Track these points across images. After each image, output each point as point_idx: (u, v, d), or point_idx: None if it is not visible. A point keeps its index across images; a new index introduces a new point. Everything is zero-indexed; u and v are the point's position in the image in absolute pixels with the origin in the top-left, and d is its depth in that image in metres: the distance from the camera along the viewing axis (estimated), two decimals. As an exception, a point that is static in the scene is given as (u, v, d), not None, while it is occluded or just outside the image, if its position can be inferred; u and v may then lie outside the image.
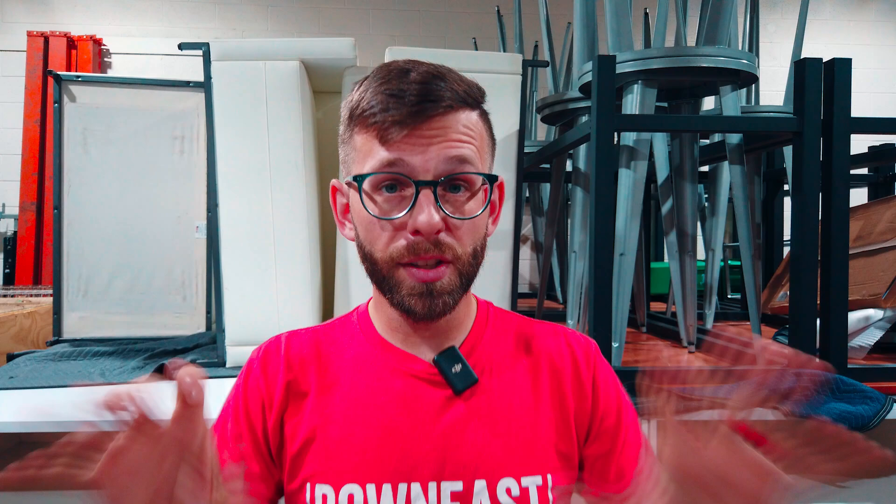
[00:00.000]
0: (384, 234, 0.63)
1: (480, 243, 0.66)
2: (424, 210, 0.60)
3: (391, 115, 0.60)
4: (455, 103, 0.62)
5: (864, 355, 1.63)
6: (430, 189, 0.61)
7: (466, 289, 0.67)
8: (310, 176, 1.69)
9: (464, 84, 0.65)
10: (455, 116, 0.63)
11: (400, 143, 0.61)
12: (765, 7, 4.38)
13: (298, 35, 4.26)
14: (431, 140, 0.61)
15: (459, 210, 0.63)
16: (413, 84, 0.61)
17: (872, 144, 2.29)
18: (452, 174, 0.62)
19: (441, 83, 0.62)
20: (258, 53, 1.62)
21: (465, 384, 0.67)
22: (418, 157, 0.61)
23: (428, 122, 0.61)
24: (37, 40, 4.03)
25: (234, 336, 1.64)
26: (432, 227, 0.60)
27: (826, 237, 1.43)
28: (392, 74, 0.63)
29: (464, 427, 0.67)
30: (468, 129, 0.63)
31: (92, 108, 1.98)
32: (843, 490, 1.42)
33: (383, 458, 0.66)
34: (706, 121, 1.75)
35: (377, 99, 0.61)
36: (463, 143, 0.62)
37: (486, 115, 0.69)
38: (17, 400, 1.43)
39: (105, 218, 1.99)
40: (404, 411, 0.67)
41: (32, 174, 3.95)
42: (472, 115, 0.65)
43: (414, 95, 0.60)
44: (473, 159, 0.63)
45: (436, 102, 0.61)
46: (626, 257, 1.52)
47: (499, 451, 0.67)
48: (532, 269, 3.77)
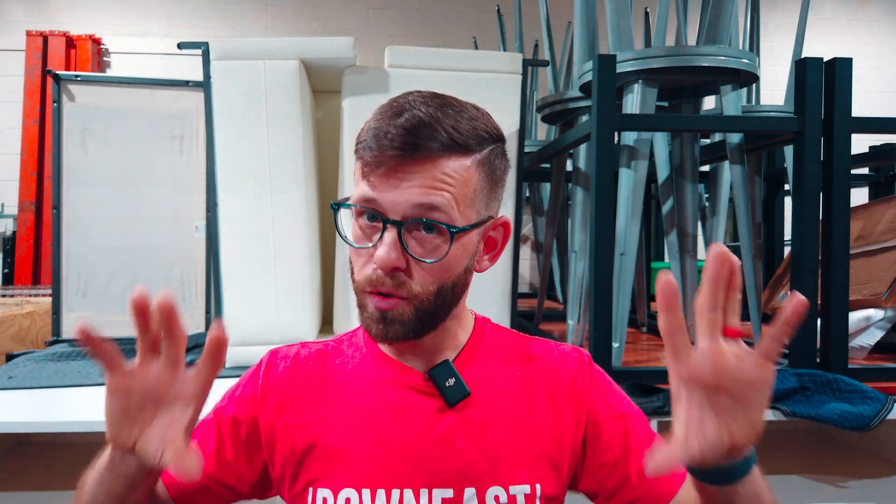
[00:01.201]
0: (359, 260, 0.68)
1: (451, 282, 0.68)
2: (384, 247, 0.64)
3: (373, 154, 0.63)
4: (437, 151, 0.63)
5: (865, 355, 1.63)
6: (395, 228, 0.64)
7: (427, 324, 0.68)
8: (309, 176, 1.69)
9: (456, 132, 0.64)
10: (438, 162, 0.64)
11: (376, 181, 0.64)
12: (765, 6, 4.38)
13: (298, 35, 4.26)
14: (402, 184, 0.63)
15: (426, 252, 0.65)
16: (398, 128, 0.63)
17: (873, 144, 2.29)
18: (417, 219, 0.64)
19: (427, 131, 0.63)
20: (258, 53, 1.61)
21: (458, 397, 0.70)
22: (389, 197, 0.64)
23: (403, 167, 0.63)
24: (36, 40, 4.03)
25: (233, 336, 1.64)
26: (388, 264, 0.64)
27: (826, 237, 1.43)
28: (387, 113, 0.65)
29: (455, 437, 0.70)
30: (447, 177, 0.64)
31: (91, 107, 1.98)
32: (843, 490, 1.42)
33: (378, 465, 0.69)
34: (707, 120, 1.75)
35: (369, 135, 0.64)
36: (436, 190, 0.64)
37: (487, 161, 0.68)
38: (16, 400, 1.43)
39: (104, 217, 1.99)
40: (399, 421, 0.71)
41: (31, 174, 3.95)
42: (462, 161, 0.65)
43: (395, 139, 0.62)
44: (444, 206, 0.64)
45: (414, 149, 0.63)
46: (627, 257, 1.51)
47: (488, 460, 0.70)
48: (532, 269, 3.77)
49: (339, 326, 1.74)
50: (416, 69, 1.69)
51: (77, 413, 1.36)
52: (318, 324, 1.74)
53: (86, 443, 1.69)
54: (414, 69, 1.69)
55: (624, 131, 1.54)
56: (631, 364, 1.55)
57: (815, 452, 1.66)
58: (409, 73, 1.68)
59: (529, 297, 3.20)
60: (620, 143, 1.56)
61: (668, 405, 1.28)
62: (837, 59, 1.42)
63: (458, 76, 1.69)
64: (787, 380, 1.33)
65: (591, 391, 0.76)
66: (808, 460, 1.60)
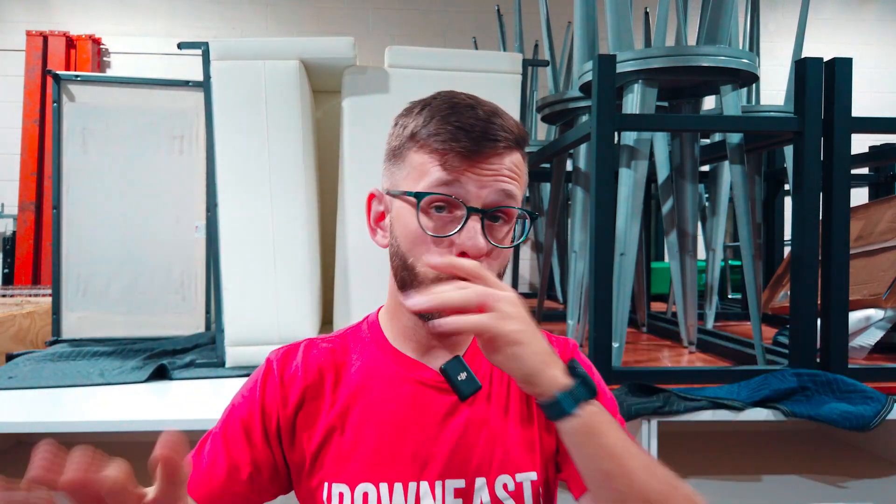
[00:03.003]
0: (428, 250, 0.69)
1: (504, 269, 0.73)
2: (475, 235, 0.67)
3: (459, 145, 0.67)
4: (510, 144, 0.70)
5: (865, 355, 1.63)
6: (479, 216, 0.68)
7: None
8: (309, 175, 1.69)
9: (518, 128, 0.71)
10: (508, 155, 0.70)
11: (459, 170, 0.67)
12: (765, 6, 4.38)
13: (298, 34, 4.26)
14: (486, 173, 0.68)
15: (497, 239, 0.70)
16: (479, 121, 0.68)
17: (873, 144, 2.29)
18: (500, 206, 0.69)
19: (502, 122, 0.69)
20: (258, 53, 1.61)
21: (470, 391, 0.71)
22: (473, 186, 0.67)
23: (487, 157, 0.68)
24: (36, 40, 4.03)
25: (233, 336, 1.64)
26: (480, 251, 0.67)
27: (826, 237, 1.42)
28: (459, 108, 0.69)
29: (466, 430, 0.73)
30: (516, 168, 0.70)
31: (91, 107, 1.98)
32: (843, 490, 1.42)
33: (394, 460, 0.71)
34: (707, 120, 1.75)
35: (445, 129, 0.68)
36: (512, 179, 0.70)
37: (527, 157, 0.75)
38: (16, 400, 1.43)
39: (104, 218, 1.99)
40: (413, 416, 0.73)
41: (31, 174, 3.95)
42: (519, 156, 0.72)
43: (479, 131, 0.67)
44: (517, 195, 0.70)
45: (496, 141, 0.68)
46: (627, 257, 1.51)
47: (497, 451, 0.73)
48: (532, 269, 3.77)
49: (339, 326, 1.74)
50: (416, 69, 1.69)
51: (77, 413, 1.36)
52: (318, 324, 1.74)
53: (85, 443, 1.69)
54: (414, 69, 1.69)
55: (624, 131, 1.54)
56: (631, 364, 1.55)
57: (815, 452, 1.66)
58: (409, 73, 1.68)
59: (529, 297, 3.20)
60: (620, 143, 1.56)
61: (668, 405, 1.28)
62: (837, 59, 1.42)
63: (458, 76, 1.69)
64: (787, 380, 1.33)
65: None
66: (808, 460, 1.60)
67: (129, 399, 1.44)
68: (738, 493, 1.43)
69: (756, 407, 1.31)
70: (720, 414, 1.30)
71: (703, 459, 1.59)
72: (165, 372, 1.62)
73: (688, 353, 1.72)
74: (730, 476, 1.51)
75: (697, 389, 1.35)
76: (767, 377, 1.36)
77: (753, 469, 1.55)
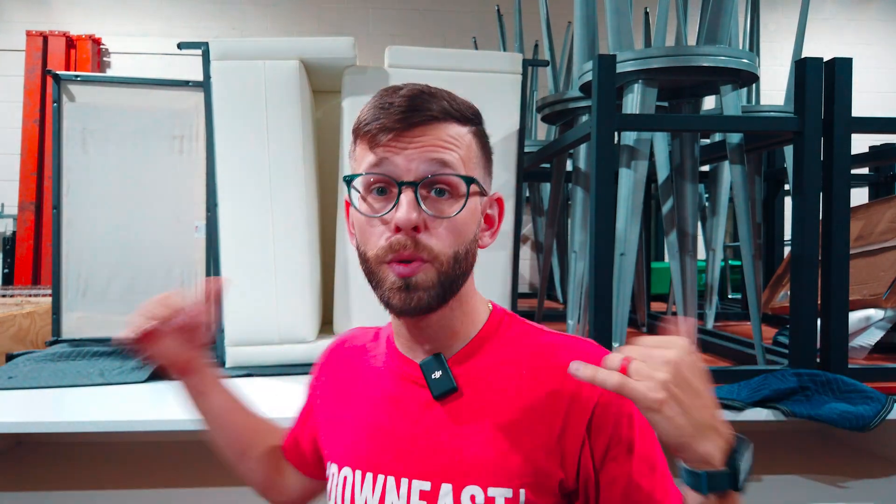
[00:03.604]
0: (374, 233, 0.68)
1: (464, 248, 0.69)
2: (403, 207, 0.65)
3: (379, 122, 0.67)
4: (440, 115, 0.68)
5: (865, 355, 1.63)
6: (412, 189, 0.66)
7: (448, 289, 0.69)
8: (309, 175, 1.69)
9: (455, 102, 0.70)
10: (440, 126, 0.68)
11: (385, 146, 0.67)
12: (765, 6, 4.37)
13: (298, 34, 4.26)
14: (412, 143, 0.66)
15: (440, 211, 0.67)
16: (401, 97, 0.67)
17: (873, 144, 2.29)
18: (432, 175, 0.66)
19: (428, 98, 0.68)
20: (258, 53, 1.61)
21: (440, 390, 0.71)
22: (401, 158, 0.66)
23: (411, 129, 0.67)
24: (36, 39, 4.03)
25: (233, 336, 1.64)
26: (409, 222, 0.65)
27: (826, 237, 1.42)
28: (386, 92, 0.69)
29: (439, 431, 0.71)
30: (452, 139, 0.68)
31: (91, 107, 1.98)
32: (843, 490, 1.42)
33: (368, 450, 0.73)
34: (707, 120, 1.75)
35: (371, 112, 0.68)
36: (445, 148, 0.67)
37: (481, 135, 0.73)
38: (16, 400, 1.43)
39: (104, 217, 1.99)
40: (390, 409, 0.74)
41: (31, 174, 3.95)
42: (461, 129, 0.70)
43: (401, 105, 0.67)
44: (455, 164, 0.67)
45: (419, 111, 0.67)
46: (627, 257, 1.51)
47: (468, 458, 0.69)
48: (532, 269, 3.77)
49: (339, 326, 1.74)
50: (416, 69, 1.69)
51: (77, 413, 1.36)
52: (318, 324, 1.73)
53: (86, 443, 1.69)
54: (414, 69, 1.69)
55: (624, 131, 1.54)
56: (631, 364, 1.55)
57: (815, 452, 1.66)
58: (409, 73, 1.68)
59: (529, 297, 3.20)
60: (620, 143, 1.56)
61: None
62: (837, 59, 1.42)
63: (458, 76, 1.69)
64: (787, 380, 1.33)
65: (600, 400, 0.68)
66: (808, 460, 1.60)
67: (129, 399, 1.44)
68: (738, 493, 1.43)
69: (756, 407, 1.31)
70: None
71: (703, 459, 1.59)
72: (165, 372, 1.61)
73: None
74: (730, 476, 1.50)
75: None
76: (767, 377, 1.36)
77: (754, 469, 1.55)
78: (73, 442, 1.66)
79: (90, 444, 1.65)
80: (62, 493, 1.39)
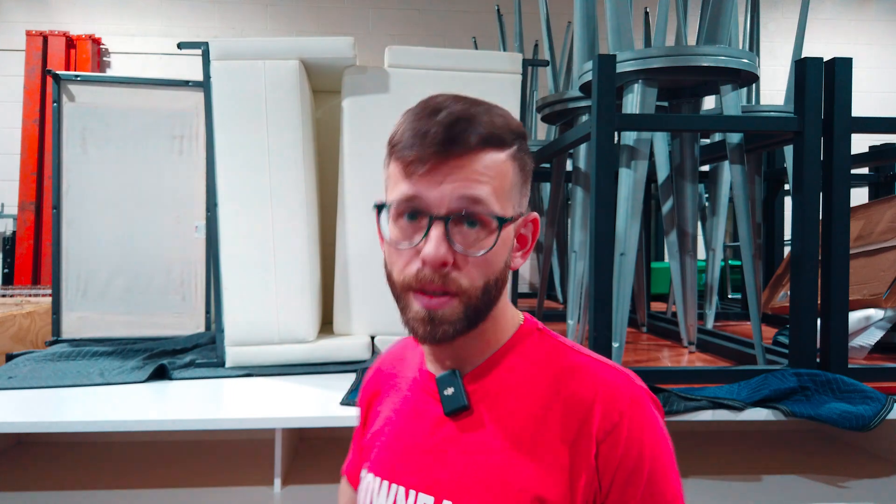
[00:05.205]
0: (401, 258, 0.67)
1: (494, 278, 0.68)
2: (432, 242, 0.64)
3: (415, 152, 0.65)
4: (477, 145, 0.66)
5: (865, 355, 1.63)
6: (442, 223, 0.65)
7: (474, 321, 0.68)
8: (309, 175, 1.69)
9: (492, 126, 0.67)
10: (476, 157, 0.66)
11: (419, 178, 0.65)
12: (765, 6, 4.38)
13: (298, 34, 4.26)
14: (447, 178, 0.65)
15: (471, 245, 0.66)
16: (438, 125, 0.65)
17: (873, 144, 2.29)
18: (463, 212, 0.65)
19: (466, 125, 0.65)
20: (257, 53, 1.61)
21: (451, 408, 0.70)
22: (434, 192, 0.65)
23: (446, 162, 0.65)
24: (36, 39, 4.03)
25: (233, 336, 1.64)
26: (437, 259, 0.64)
27: (826, 237, 1.42)
28: (424, 112, 0.67)
29: (447, 447, 0.70)
30: (487, 170, 0.66)
31: (91, 107, 1.98)
32: (843, 490, 1.42)
33: (387, 459, 0.74)
34: (707, 120, 1.75)
35: (407, 135, 0.66)
36: (479, 182, 0.65)
37: (520, 156, 0.70)
38: (16, 400, 1.43)
39: (104, 217, 1.99)
40: (411, 421, 0.74)
41: (31, 174, 3.95)
42: (498, 155, 0.67)
43: (437, 136, 0.64)
44: (487, 199, 0.66)
45: (455, 144, 0.65)
46: (627, 257, 1.51)
47: (471, 477, 0.68)
48: (532, 269, 3.77)
49: (339, 326, 1.74)
50: (416, 69, 1.69)
51: (77, 413, 1.36)
52: (318, 324, 1.73)
53: (86, 443, 1.69)
54: (414, 69, 1.69)
55: (624, 131, 1.54)
56: (631, 364, 1.55)
57: (815, 452, 1.66)
58: (409, 73, 1.68)
59: (529, 297, 3.20)
60: (620, 143, 1.56)
61: (668, 405, 1.28)
62: (837, 59, 1.42)
63: (458, 76, 1.69)
64: (787, 380, 1.33)
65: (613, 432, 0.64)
66: (808, 460, 1.60)
67: (129, 399, 1.44)
68: (738, 493, 1.43)
69: (756, 407, 1.31)
70: (720, 414, 1.30)
71: (703, 459, 1.59)
72: (165, 372, 1.62)
73: (688, 353, 1.72)
74: (730, 476, 1.51)
75: (697, 389, 1.35)
76: (767, 377, 1.36)
77: (753, 469, 1.55)
78: (73, 442, 1.66)
79: (90, 444, 1.65)
80: (62, 493, 1.39)
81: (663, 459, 0.65)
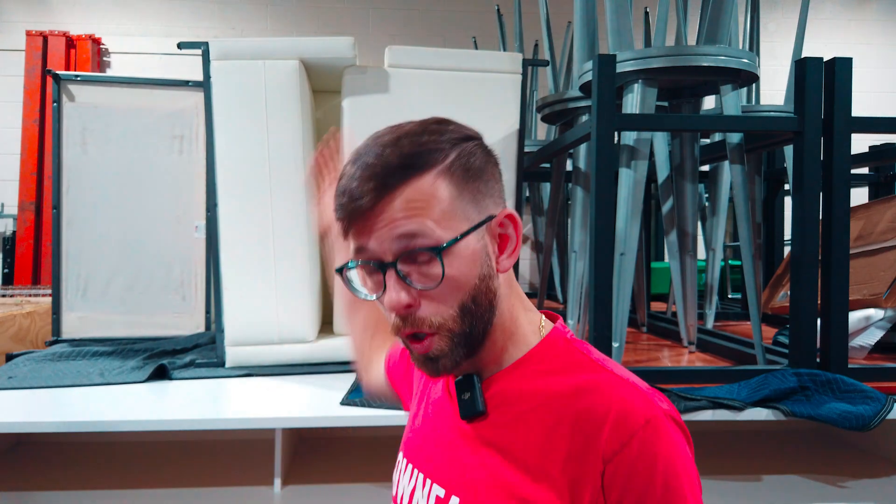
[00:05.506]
0: (383, 309, 0.69)
1: (471, 295, 0.66)
2: (390, 291, 0.65)
3: (343, 214, 0.66)
4: (395, 184, 0.64)
5: (865, 355, 1.63)
6: (392, 269, 0.65)
7: (470, 345, 0.68)
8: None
9: (403, 157, 0.65)
10: (399, 194, 0.64)
11: (358, 235, 0.66)
12: (765, 6, 4.38)
13: (298, 34, 4.26)
14: (377, 224, 0.65)
15: (426, 279, 0.65)
16: (356, 180, 0.65)
17: (873, 144, 2.29)
18: (405, 251, 0.64)
19: (376, 171, 0.65)
20: (257, 53, 1.61)
21: (466, 412, 0.71)
22: (373, 243, 0.65)
23: (371, 214, 0.65)
24: (36, 39, 4.03)
25: (233, 336, 1.64)
26: (398, 305, 0.65)
27: (826, 237, 1.42)
28: (346, 168, 0.68)
29: (460, 445, 0.72)
30: (412, 202, 0.64)
31: (91, 107, 1.98)
32: (843, 490, 1.42)
33: (414, 443, 0.79)
34: (707, 120, 1.75)
35: (337, 200, 0.68)
36: (408, 218, 0.64)
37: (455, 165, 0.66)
38: (16, 400, 1.43)
39: (104, 217, 1.99)
40: (435, 412, 0.77)
41: (31, 174, 3.95)
42: (422, 180, 0.65)
43: (355, 192, 0.65)
44: (422, 230, 0.64)
45: (373, 194, 0.64)
46: (627, 257, 1.51)
47: (478, 479, 0.69)
48: (532, 269, 3.77)
49: (340, 326, 1.74)
50: (416, 69, 1.69)
51: (77, 413, 1.36)
52: (318, 324, 1.73)
53: (86, 443, 1.69)
54: (414, 69, 1.69)
55: (624, 131, 1.54)
56: (631, 364, 1.55)
57: (815, 452, 1.66)
58: (409, 73, 1.68)
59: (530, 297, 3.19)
60: (620, 143, 1.56)
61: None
62: (837, 59, 1.42)
63: (458, 76, 1.69)
64: (787, 380, 1.33)
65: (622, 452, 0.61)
66: (808, 460, 1.60)
67: (129, 399, 1.44)
68: (738, 493, 1.43)
69: (756, 407, 1.31)
70: (720, 414, 1.30)
71: (703, 459, 1.59)
72: (165, 372, 1.62)
73: (688, 353, 1.72)
74: (730, 476, 1.51)
75: (697, 389, 1.35)
76: (767, 377, 1.36)
77: (753, 469, 1.55)
78: (73, 442, 1.66)
79: (90, 444, 1.65)
80: (62, 493, 1.39)
81: (679, 487, 0.61)
